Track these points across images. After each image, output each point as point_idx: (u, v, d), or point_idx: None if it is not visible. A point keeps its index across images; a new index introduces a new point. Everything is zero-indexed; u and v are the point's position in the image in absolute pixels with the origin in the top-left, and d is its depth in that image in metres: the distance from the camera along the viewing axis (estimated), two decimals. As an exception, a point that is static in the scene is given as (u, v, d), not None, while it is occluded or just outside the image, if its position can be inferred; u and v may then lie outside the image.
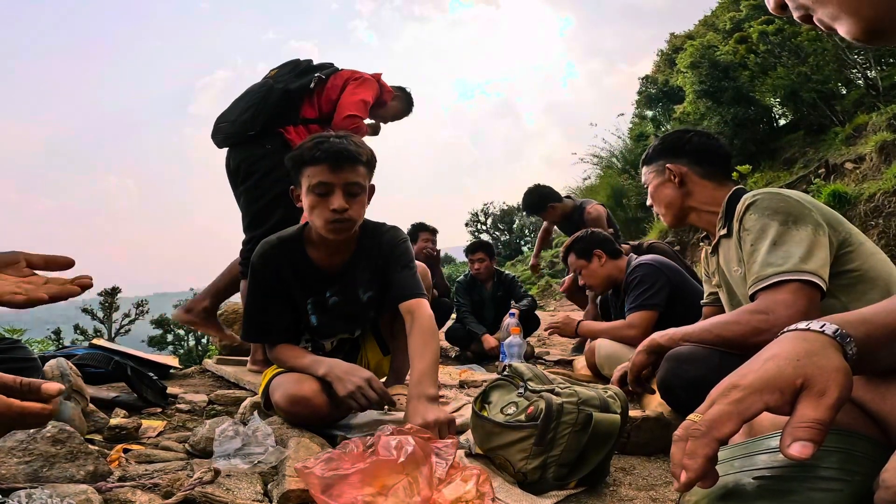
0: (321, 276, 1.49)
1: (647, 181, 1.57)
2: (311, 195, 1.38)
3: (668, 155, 1.51)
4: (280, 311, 1.48)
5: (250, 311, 1.50)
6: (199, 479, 0.93)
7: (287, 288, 1.48)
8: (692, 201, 1.46)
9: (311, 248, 1.48)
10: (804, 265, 1.12)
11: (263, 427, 1.16)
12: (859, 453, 0.58)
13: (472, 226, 18.66)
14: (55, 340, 11.58)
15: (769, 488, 0.62)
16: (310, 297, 1.50)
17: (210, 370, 2.43)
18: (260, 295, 1.47)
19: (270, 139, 2.13)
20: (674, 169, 1.47)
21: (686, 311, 1.80)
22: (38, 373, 1.31)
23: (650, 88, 11.65)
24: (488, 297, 3.53)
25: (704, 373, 1.17)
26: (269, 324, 1.48)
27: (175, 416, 1.63)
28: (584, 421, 1.05)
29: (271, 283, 1.46)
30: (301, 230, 1.51)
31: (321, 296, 1.51)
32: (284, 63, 2.31)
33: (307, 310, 1.50)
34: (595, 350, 2.16)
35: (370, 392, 1.28)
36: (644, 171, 1.60)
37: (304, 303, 1.50)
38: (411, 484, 0.88)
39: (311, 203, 1.38)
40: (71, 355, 1.87)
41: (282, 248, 1.47)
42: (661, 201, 1.51)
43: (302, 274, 1.48)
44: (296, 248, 1.47)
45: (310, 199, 1.38)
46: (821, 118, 6.87)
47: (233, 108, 2.22)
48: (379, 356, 1.72)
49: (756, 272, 1.18)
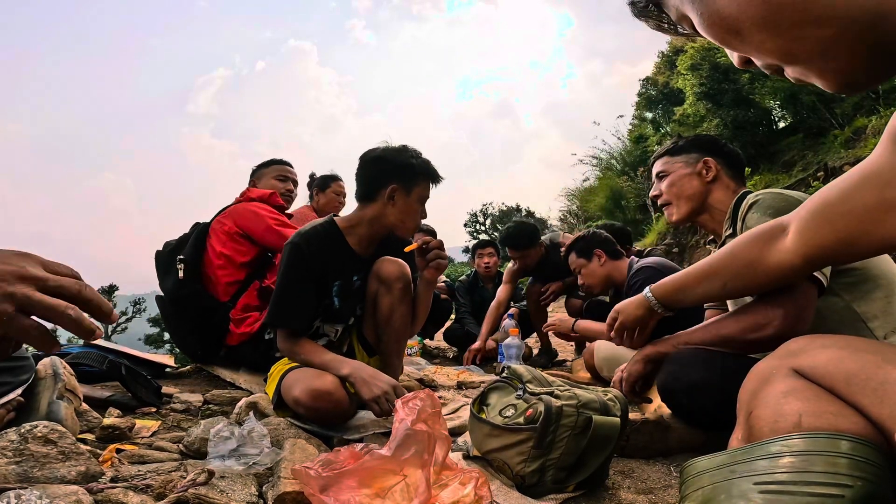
0: (356, 262, 1.65)
1: (666, 170, 1.54)
2: (417, 203, 1.63)
3: (706, 150, 1.51)
4: (310, 296, 1.56)
5: (282, 295, 1.54)
6: (192, 481, 0.92)
7: (323, 271, 1.58)
8: (712, 199, 1.47)
9: (349, 236, 1.64)
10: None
11: (259, 428, 1.14)
12: (862, 458, 0.58)
13: (471, 226, 18.66)
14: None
15: (770, 494, 0.61)
16: (338, 280, 1.62)
17: (206, 370, 2.41)
18: (296, 278, 1.55)
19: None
20: (712, 164, 1.48)
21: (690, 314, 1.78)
22: (32, 371, 1.29)
23: (650, 90, 11.67)
24: (488, 297, 3.52)
25: (706, 376, 1.17)
26: (298, 308, 1.55)
27: (169, 416, 1.61)
28: (583, 424, 1.03)
29: (312, 266, 1.55)
30: (332, 222, 1.65)
31: (349, 280, 1.64)
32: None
33: (332, 292, 1.61)
34: (594, 352, 2.15)
35: (395, 399, 1.29)
36: (664, 161, 1.57)
37: (331, 286, 1.60)
38: (409, 486, 0.87)
39: (413, 208, 1.62)
40: (65, 353, 1.85)
41: (326, 235, 1.61)
42: (681, 192, 1.49)
43: (341, 258, 1.62)
44: (337, 236, 1.63)
45: (414, 205, 1.62)
46: (820, 121, 6.88)
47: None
48: (366, 358, 1.76)
49: None
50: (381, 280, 1.64)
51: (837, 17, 0.41)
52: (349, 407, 1.41)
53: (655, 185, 1.59)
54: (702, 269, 0.99)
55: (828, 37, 0.42)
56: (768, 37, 0.44)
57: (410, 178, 1.61)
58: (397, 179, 1.60)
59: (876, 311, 1.16)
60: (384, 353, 1.71)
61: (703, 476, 0.71)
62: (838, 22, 0.41)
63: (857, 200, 0.69)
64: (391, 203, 1.60)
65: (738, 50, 0.48)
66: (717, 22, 0.46)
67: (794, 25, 0.42)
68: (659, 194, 1.56)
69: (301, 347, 1.52)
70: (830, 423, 0.66)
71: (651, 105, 11.77)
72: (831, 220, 0.74)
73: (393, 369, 1.67)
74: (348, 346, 1.77)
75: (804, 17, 0.42)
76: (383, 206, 1.61)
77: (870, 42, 0.42)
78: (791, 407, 0.70)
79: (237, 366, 2.17)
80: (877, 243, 0.71)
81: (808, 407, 0.69)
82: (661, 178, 1.56)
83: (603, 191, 10.34)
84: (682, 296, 1.04)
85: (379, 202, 1.61)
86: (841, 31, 0.42)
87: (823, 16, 0.41)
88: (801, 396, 0.71)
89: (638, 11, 0.55)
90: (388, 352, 1.69)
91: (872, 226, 0.69)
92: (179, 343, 2.29)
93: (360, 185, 1.65)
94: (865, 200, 0.68)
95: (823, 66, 0.44)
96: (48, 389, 1.28)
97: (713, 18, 0.46)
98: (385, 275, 1.63)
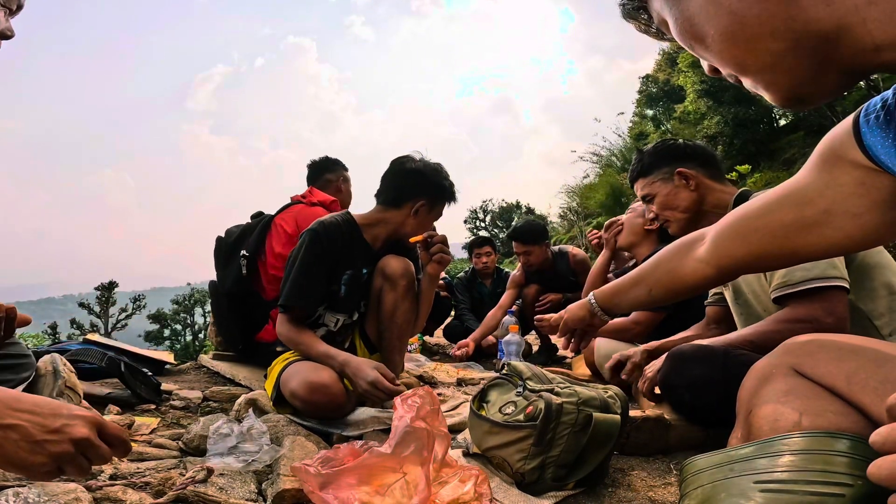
0: (368, 255, 1.70)
1: (650, 192, 1.53)
2: (433, 219, 1.75)
3: (674, 160, 1.48)
4: (322, 280, 1.62)
5: (297, 275, 1.58)
6: (191, 478, 0.92)
7: (336, 259, 1.63)
8: (706, 204, 1.45)
9: (365, 233, 1.71)
10: (833, 270, 1.12)
11: (258, 425, 1.14)
12: (862, 458, 0.57)
13: (471, 223, 18.67)
14: (51, 335, 11.56)
15: (770, 493, 0.61)
16: (349, 270, 1.66)
17: (206, 366, 2.41)
18: (313, 261, 1.60)
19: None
20: (689, 172, 1.44)
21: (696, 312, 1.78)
22: (32, 368, 1.29)
23: (651, 87, 11.65)
24: (487, 294, 3.52)
25: (708, 372, 1.16)
26: (311, 288, 1.59)
27: (169, 413, 1.61)
28: (583, 421, 1.03)
29: (328, 252, 1.60)
30: (350, 217, 1.71)
31: (359, 271, 1.68)
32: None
33: (342, 281, 1.66)
34: (594, 349, 2.15)
35: (384, 382, 1.35)
36: (642, 184, 1.55)
37: (341, 274, 1.66)
38: (408, 483, 0.87)
39: (430, 223, 1.74)
40: (64, 351, 1.85)
41: (343, 226, 1.68)
42: (677, 207, 1.47)
43: (356, 250, 1.68)
44: (353, 228, 1.69)
45: (431, 221, 1.74)
46: (821, 119, 6.87)
47: None
48: (367, 354, 1.77)
49: (783, 275, 1.16)
50: (385, 276, 1.66)
51: (793, 31, 0.43)
52: (346, 401, 1.42)
53: (647, 209, 1.58)
54: (633, 276, 1.01)
55: (780, 50, 0.44)
56: (727, 46, 0.46)
57: (439, 198, 1.72)
58: (426, 196, 1.68)
59: (882, 308, 1.16)
60: (386, 349, 1.71)
61: (702, 474, 0.70)
62: (793, 35, 0.43)
63: (775, 216, 0.71)
64: (414, 215, 1.69)
65: (704, 57, 0.50)
66: (688, 29, 0.48)
67: (752, 37, 0.44)
68: (655, 216, 1.55)
69: (300, 335, 1.54)
70: (831, 421, 0.66)
71: (652, 102, 11.74)
72: (745, 235, 0.76)
73: (394, 366, 1.68)
74: (350, 342, 1.78)
75: (762, 30, 0.44)
76: (406, 215, 1.69)
77: (821, 58, 0.44)
78: (791, 406, 0.70)
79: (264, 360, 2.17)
80: (785, 258, 0.74)
81: (809, 406, 0.69)
82: (648, 202, 1.55)
83: (603, 188, 10.31)
84: (617, 300, 1.06)
85: (403, 211, 1.69)
86: (793, 45, 0.43)
87: (780, 29, 0.43)
88: (802, 395, 0.71)
89: (626, 13, 0.57)
90: (389, 348, 1.70)
91: (785, 241, 0.71)
92: (224, 332, 2.34)
93: (388, 190, 1.71)
94: (783, 217, 0.70)
95: (772, 78, 0.46)
96: (48, 386, 1.28)
97: (685, 25, 0.48)
98: (390, 271, 1.65)
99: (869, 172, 0.61)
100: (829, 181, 0.65)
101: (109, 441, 0.63)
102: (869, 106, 0.58)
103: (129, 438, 0.66)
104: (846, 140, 0.62)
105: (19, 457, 0.56)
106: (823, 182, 0.66)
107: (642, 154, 1.60)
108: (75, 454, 0.59)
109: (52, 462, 0.58)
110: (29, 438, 0.57)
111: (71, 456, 0.59)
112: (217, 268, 2.33)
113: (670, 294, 0.95)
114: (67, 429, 0.59)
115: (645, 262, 1.01)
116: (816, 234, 0.68)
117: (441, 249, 1.63)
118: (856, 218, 0.64)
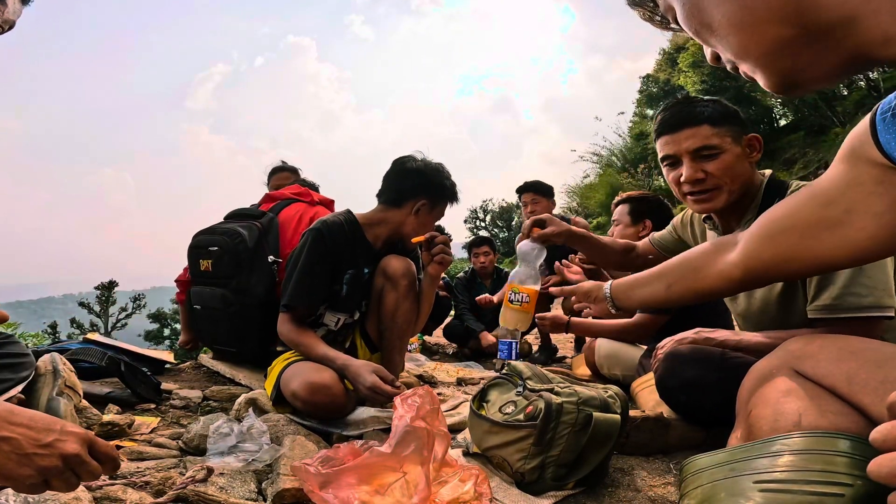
0: (370, 255, 1.70)
1: (716, 145, 1.18)
2: (435, 219, 1.73)
3: (742, 125, 1.22)
4: (325, 280, 1.62)
5: (301, 275, 1.59)
6: (191, 478, 0.92)
7: (339, 258, 1.63)
8: (751, 184, 1.21)
9: (367, 232, 1.72)
10: (889, 299, 1.03)
11: (258, 424, 1.14)
12: (862, 457, 0.57)
13: (471, 222, 18.66)
14: (52, 334, 11.55)
15: (770, 492, 0.61)
16: (351, 270, 1.67)
17: (206, 366, 2.41)
18: (317, 261, 1.60)
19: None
20: (756, 142, 1.21)
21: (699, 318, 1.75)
22: (32, 367, 1.29)
23: (651, 87, 11.65)
24: (486, 293, 3.52)
25: (703, 373, 1.16)
26: (314, 288, 1.60)
27: (169, 413, 1.61)
28: (583, 421, 1.03)
29: (330, 251, 1.61)
30: (352, 216, 1.71)
31: (360, 270, 1.69)
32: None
33: (343, 280, 1.66)
34: (595, 349, 2.15)
35: (382, 384, 1.35)
36: (707, 133, 1.18)
37: (343, 274, 1.66)
38: (408, 483, 0.87)
39: (430, 223, 1.72)
40: (64, 350, 1.85)
41: (346, 225, 1.68)
42: (735, 175, 1.18)
43: (358, 249, 1.68)
44: (356, 228, 1.70)
45: (432, 221, 1.72)
46: (821, 119, 6.87)
47: None
48: (368, 354, 1.78)
49: (833, 296, 1.05)
50: (386, 276, 1.66)
51: (802, 18, 0.42)
52: (346, 402, 1.42)
53: (690, 165, 1.20)
54: (655, 270, 0.97)
55: (787, 36, 0.43)
56: (733, 31, 0.46)
57: (440, 197, 1.72)
58: (427, 195, 1.69)
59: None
60: (386, 348, 1.72)
61: (702, 474, 0.70)
62: (801, 22, 0.42)
63: (801, 216, 0.71)
64: (415, 215, 1.69)
65: (709, 44, 0.50)
66: (695, 14, 0.48)
67: (759, 23, 0.44)
68: (703, 177, 1.19)
69: (301, 336, 1.54)
70: (831, 421, 0.66)
71: (652, 102, 11.74)
72: (773, 235, 0.76)
73: (394, 366, 1.69)
74: (351, 341, 1.78)
75: (770, 15, 0.43)
76: (406, 215, 1.70)
77: (826, 47, 0.43)
78: (791, 406, 0.70)
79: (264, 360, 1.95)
80: (811, 261, 0.73)
81: (809, 406, 0.69)
82: (703, 158, 1.19)
83: (603, 187, 10.32)
84: (631, 293, 1.03)
85: (404, 210, 1.70)
86: (801, 32, 0.43)
87: (790, 15, 0.42)
88: (802, 395, 0.71)
89: (632, 0, 0.56)
90: (389, 348, 1.71)
91: (810, 241, 0.70)
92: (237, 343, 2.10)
93: (389, 190, 1.72)
94: (808, 217, 0.70)
95: (772, 64, 0.46)
96: (48, 386, 1.28)
97: (692, 10, 0.48)
98: (391, 271, 1.65)
99: (886, 170, 0.60)
100: (850, 180, 0.65)
101: (99, 458, 0.65)
102: (884, 104, 0.58)
103: (118, 456, 0.68)
104: (864, 138, 0.61)
105: (7, 468, 0.58)
106: (845, 182, 0.65)
107: (703, 100, 1.25)
108: (63, 469, 0.61)
109: (38, 475, 0.59)
110: (19, 451, 0.58)
111: (59, 470, 0.60)
112: (231, 276, 2.03)
113: (689, 293, 0.91)
114: (58, 444, 0.60)
115: (670, 260, 0.97)
116: (840, 235, 0.67)
117: (443, 250, 1.63)
118: (877, 217, 0.63)
